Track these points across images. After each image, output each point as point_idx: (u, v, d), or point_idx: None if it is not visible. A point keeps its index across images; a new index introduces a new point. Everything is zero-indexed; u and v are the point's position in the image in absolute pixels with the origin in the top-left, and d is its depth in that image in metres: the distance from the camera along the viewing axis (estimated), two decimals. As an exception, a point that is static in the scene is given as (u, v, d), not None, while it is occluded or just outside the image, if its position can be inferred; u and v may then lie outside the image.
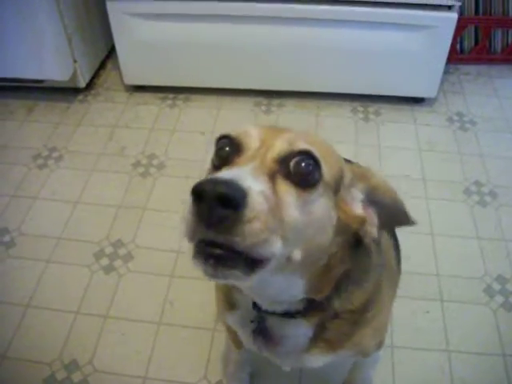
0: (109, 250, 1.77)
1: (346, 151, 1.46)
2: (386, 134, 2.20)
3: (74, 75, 2.29)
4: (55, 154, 2.13)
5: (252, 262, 0.61)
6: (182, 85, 2.38)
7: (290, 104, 2.36)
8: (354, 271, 0.83)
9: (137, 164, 2.07)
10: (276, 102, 2.37)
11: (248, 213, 0.57)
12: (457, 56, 2.51)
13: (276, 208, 0.61)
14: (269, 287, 0.75)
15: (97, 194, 1.96)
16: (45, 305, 1.62)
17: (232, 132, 0.71)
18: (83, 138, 2.21)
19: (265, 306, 0.83)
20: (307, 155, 0.67)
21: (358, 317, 0.90)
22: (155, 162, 2.07)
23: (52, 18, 2.06)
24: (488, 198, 1.91)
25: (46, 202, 1.94)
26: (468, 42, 2.54)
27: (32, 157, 2.12)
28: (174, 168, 2.05)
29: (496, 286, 1.64)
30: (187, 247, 0.67)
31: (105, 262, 1.73)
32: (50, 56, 2.13)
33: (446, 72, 2.25)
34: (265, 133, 0.71)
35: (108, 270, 1.71)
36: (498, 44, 2.53)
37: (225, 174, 0.60)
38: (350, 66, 2.20)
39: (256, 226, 0.57)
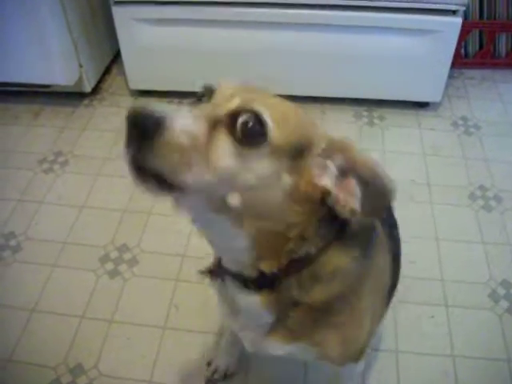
0: (114, 254, 1.77)
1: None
2: (390, 138, 2.20)
3: (80, 80, 2.31)
4: (61, 159, 2.14)
5: (169, 185, 0.66)
6: (187, 89, 2.39)
7: (295, 108, 2.36)
8: (318, 261, 0.80)
9: (142, 168, 2.07)
10: (280, 106, 2.36)
11: (159, 138, 0.62)
12: (461, 60, 2.52)
13: (204, 148, 0.66)
14: (213, 229, 0.78)
15: (102, 199, 1.97)
16: (50, 309, 1.63)
17: (215, 83, 0.78)
18: (88, 142, 2.23)
19: (222, 261, 0.87)
20: (256, 116, 0.68)
21: (319, 315, 0.88)
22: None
23: (58, 24, 2.08)
24: (493, 203, 1.91)
25: (51, 207, 1.95)
26: (472, 47, 2.54)
27: (38, 161, 2.13)
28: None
29: (501, 291, 1.64)
30: (192, 250, 0.70)
31: (110, 266, 1.74)
32: (56, 61, 2.15)
33: (450, 76, 2.26)
34: (237, 90, 0.74)
35: (113, 274, 1.72)
36: (502, 48, 2.53)
37: (163, 109, 0.65)
38: (355, 71, 2.20)
39: (166, 152, 0.63)
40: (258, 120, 0.68)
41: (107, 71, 2.58)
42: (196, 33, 2.14)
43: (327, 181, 0.73)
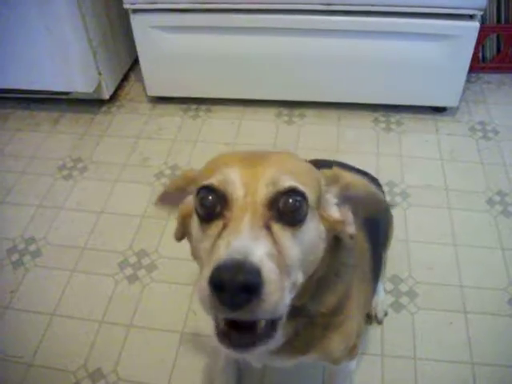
0: (133, 259, 1.79)
1: (367, 162, 1.48)
2: (407, 143, 2.19)
3: (99, 87, 2.34)
4: (80, 165, 2.17)
5: (272, 323, 0.67)
6: (204, 96, 2.41)
7: (312, 114, 2.37)
8: (328, 273, 0.84)
9: (160, 174, 2.09)
10: (297, 112, 2.38)
11: (267, 289, 0.61)
12: (479, 65, 2.50)
13: (280, 258, 0.66)
14: None
15: (121, 205, 1.99)
16: (70, 313, 1.65)
17: (213, 181, 0.73)
18: (107, 148, 2.25)
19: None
20: (293, 191, 0.71)
21: (329, 320, 0.91)
22: (178, 172, 2.09)
23: (78, 33, 2.11)
24: (511, 208, 1.90)
25: (71, 212, 1.98)
26: (490, 51, 2.52)
27: (57, 167, 2.16)
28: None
29: (520, 297, 1.63)
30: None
31: (129, 271, 1.76)
32: (75, 69, 2.18)
33: (468, 81, 2.25)
34: (245, 175, 0.72)
35: (132, 279, 1.73)
36: (520, 52, 2.51)
37: (231, 252, 0.62)
38: (372, 76, 2.20)
39: (274, 295, 0.62)
40: (297, 193, 0.71)
41: (125, 78, 2.61)
42: (213, 40, 2.15)
43: (337, 213, 0.80)
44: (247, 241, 0.64)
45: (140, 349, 1.55)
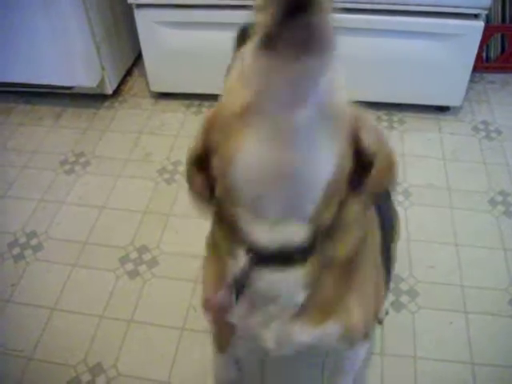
0: (134, 255, 1.79)
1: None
2: (410, 142, 2.19)
3: (102, 82, 2.34)
4: (82, 160, 2.17)
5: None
6: (207, 92, 2.40)
7: (314, 112, 2.36)
8: (343, 213, 0.77)
9: (162, 170, 2.09)
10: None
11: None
12: (483, 64, 2.50)
13: None
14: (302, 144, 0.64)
15: (122, 200, 1.99)
16: (70, 308, 1.65)
17: None
18: (109, 143, 2.25)
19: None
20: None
21: (346, 276, 0.86)
22: (180, 168, 2.09)
23: (81, 27, 2.11)
24: (514, 209, 1.90)
25: (72, 207, 1.98)
26: (494, 51, 2.52)
27: (59, 162, 2.16)
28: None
29: (521, 298, 1.63)
30: None
31: (130, 267, 1.76)
32: (78, 63, 2.18)
33: (471, 80, 2.24)
34: None
35: (133, 275, 1.73)
36: (525, 53, 2.50)
37: None
38: (375, 75, 2.20)
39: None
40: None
41: (129, 73, 2.61)
42: (217, 36, 2.14)
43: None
44: None
45: (140, 344, 1.55)
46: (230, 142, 0.66)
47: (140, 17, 2.14)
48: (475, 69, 2.23)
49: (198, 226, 1.85)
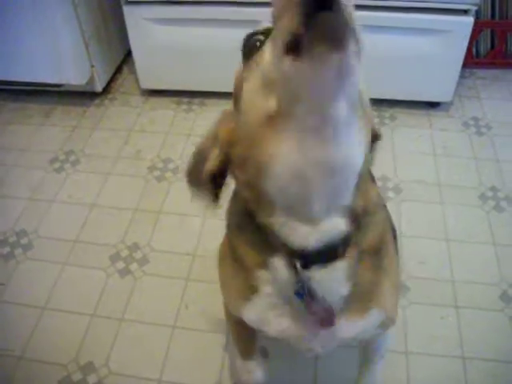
0: (124, 253, 1.78)
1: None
2: (400, 138, 2.19)
3: (91, 79, 2.32)
4: (72, 158, 2.16)
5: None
6: (197, 89, 2.40)
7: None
8: (367, 199, 0.78)
9: (152, 168, 2.09)
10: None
11: None
12: (472, 60, 2.50)
13: None
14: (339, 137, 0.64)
15: (113, 198, 1.98)
16: (61, 307, 1.64)
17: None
18: (99, 141, 2.24)
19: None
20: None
21: (376, 260, 0.86)
22: (171, 165, 2.09)
23: (70, 24, 2.09)
24: (504, 204, 1.90)
25: (62, 205, 1.97)
26: (484, 46, 2.52)
27: (49, 160, 2.15)
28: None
29: (512, 293, 1.63)
30: (203, 250, 0.68)
31: (120, 265, 1.75)
32: (67, 61, 2.16)
33: (461, 76, 2.24)
34: None
35: (124, 273, 1.73)
36: (514, 48, 2.52)
37: None
38: (365, 71, 2.19)
39: None
40: None
41: (118, 71, 2.59)
42: (207, 32, 2.14)
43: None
44: None
45: (131, 342, 1.55)
46: (263, 151, 0.65)
47: (129, 13, 2.13)
48: (465, 64, 2.24)
49: (188, 224, 1.86)
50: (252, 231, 0.80)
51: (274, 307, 0.87)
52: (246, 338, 1.23)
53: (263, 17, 2.16)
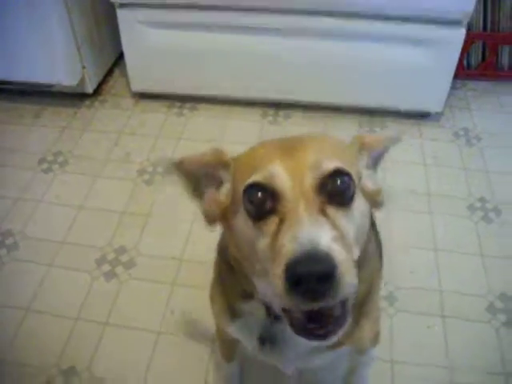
0: (111, 256, 1.77)
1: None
2: (391, 148, 2.19)
3: (82, 81, 2.31)
4: (60, 159, 2.14)
5: (343, 306, 0.67)
6: (189, 93, 2.39)
7: (297, 115, 2.36)
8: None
9: (142, 171, 2.07)
10: (282, 113, 2.37)
11: (341, 271, 0.61)
12: (464, 71, 2.51)
13: (341, 238, 0.66)
14: None
15: (101, 200, 1.97)
16: (45, 309, 1.62)
17: (259, 178, 0.71)
18: (89, 143, 2.22)
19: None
20: (338, 173, 0.70)
21: (360, 310, 0.91)
22: (160, 169, 2.07)
23: (62, 25, 2.09)
24: (492, 215, 1.90)
25: (50, 206, 1.95)
26: (475, 58, 2.54)
27: (38, 161, 2.13)
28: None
29: (499, 305, 1.63)
30: (190, 255, 0.69)
31: (106, 268, 1.73)
32: (59, 61, 2.16)
33: (452, 87, 2.25)
34: (289, 166, 0.71)
35: (109, 276, 1.71)
36: (505, 60, 2.53)
37: (301, 245, 0.62)
38: (357, 80, 2.20)
39: (348, 275, 0.62)
40: (341, 173, 0.71)
41: (110, 73, 2.58)
42: (200, 37, 2.14)
43: (371, 184, 0.83)
44: (311, 229, 0.64)
45: (115, 347, 1.53)
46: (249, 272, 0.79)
47: (122, 16, 2.12)
48: (456, 76, 2.25)
49: (176, 228, 1.84)
50: (236, 274, 0.86)
51: (246, 332, 0.96)
52: (228, 344, 1.30)
53: (256, 23, 2.15)
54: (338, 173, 0.70)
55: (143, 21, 2.12)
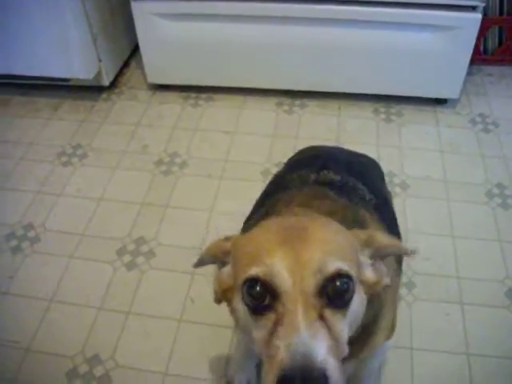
0: (131, 247, 1.79)
1: (367, 152, 1.47)
2: (407, 135, 2.19)
3: (99, 74, 2.33)
4: (79, 152, 2.16)
5: None
6: (204, 84, 2.40)
7: (312, 104, 2.36)
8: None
9: (159, 162, 2.09)
10: (298, 102, 2.37)
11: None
12: (480, 57, 2.49)
13: (335, 343, 0.67)
14: None
15: (120, 192, 1.99)
16: (68, 300, 1.65)
17: (258, 273, 0.70)
18: (107, 135, 2.25)
19: None
20: (340, 275, 0.70)
21: (369, 329, 0.93)
22: (178, 160, 2.09)
23: (78, 19, 2.10)
24: (510, 201, 1.90)
25: (69, 199, 1.98)
26: (492, 43, 2.51)
27: (57, 154, 2.16)
28: (196, 167, 2.07)
29: (517, 290, 1.63)
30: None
31: (127, 258, 1.76)
32: (75, 55, 2.17)
33: (469, 73, 2.24)
34: (290, 263, 0.70)
35: (130, 266, 1.73)
36: (522, 45, 2.50)
37: (294, 357, 0.63)
38: (373, 67, 2.20)
39: None
40: (343, 275, 0.70)
41: (126, 65, 2.60)
42: (214, 28, 2.14)
43: (373, 274, 0.81)
44: (307, 340, 0.64)
45: (138, 336, 1.56)
46: None
47: (137, 8, 2.13)
48: (473, 61, 2.23)
49: (195, 218, 1.86)
50: None
51: None
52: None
53: (270, 12, 2.15)
54: (339, 275, 0.70)
55: (157, 13, 2.13)
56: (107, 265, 1.74)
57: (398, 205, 1.85)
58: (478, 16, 1.99)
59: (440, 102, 2.33)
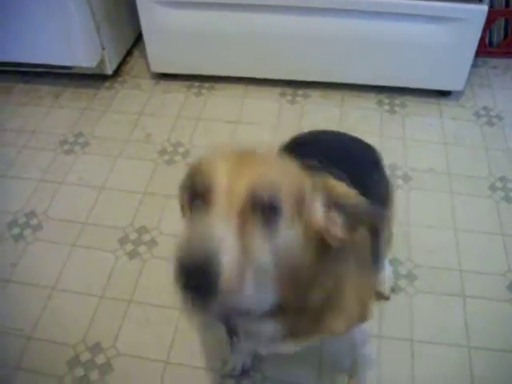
0: (133, 235, 1.79)
1: (370, 143, 1.47)
2: (411, 126, 2.18)
3: (102, 62, 2.32)
4: (81, 140, 2.16)
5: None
6: (208, 73, 2.39)
7: (315, 95, 2.35)
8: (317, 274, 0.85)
9: (162, 151, 2.09)
10: (301, 92, 2.36)
11: (224, 275, 0.63)
12: (485, 49, 2.48)
13: (247, 253, 0.67)
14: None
15: (122, 180, 1.99)
16: (70, 288, 1.66)
17: (203, 166, 0.77)
18: (109, 124, 2.24)
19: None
20: (271, 203, 0.71)
21: (320, 311, 0.92)
22: (181, 149, 2.09)
23: (81, 6, 2.09)
24: (513, 194, 1.90)
25: (72, 187, 1.98)
26: (497, 36, 2.50)
27: (59, 142, 2.16)
28: (199, 155, 2.06)
29: (519, 283, 1.63)
30: None
31: (129, 247, 1.76)
32: (78, 43, 2.16)
33: (473, 65, 2.22)
34: (232, 172, 0.73)
35: (132, 255, 1.74)
36: (528, 38, 2.49)
37: (199, 236, 0.65)
38: (377, 58, 2.18)
39: (232, 284, 0.64)
40: (275, 206, 0.72)
41: (129, 54, 2.59)
42: (218, 16, 2.13)
43: (322, 221, 0.80)
44: (215, 226, 0.66)
45: (139, 324, 1.56)
46: None
47: (140, -4, 2.12)
48: (478, 53, 2.22)
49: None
50: None
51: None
52: None
53: (273, 1, 2.12)
54: (270, 204, 0.71)
55: (162, 1, 2.12)
56: (109, 253, 1.74)
57: (400, 197, 1.85)
58: (485, 8, 1.97)
59: (444, 94, 2.32)
